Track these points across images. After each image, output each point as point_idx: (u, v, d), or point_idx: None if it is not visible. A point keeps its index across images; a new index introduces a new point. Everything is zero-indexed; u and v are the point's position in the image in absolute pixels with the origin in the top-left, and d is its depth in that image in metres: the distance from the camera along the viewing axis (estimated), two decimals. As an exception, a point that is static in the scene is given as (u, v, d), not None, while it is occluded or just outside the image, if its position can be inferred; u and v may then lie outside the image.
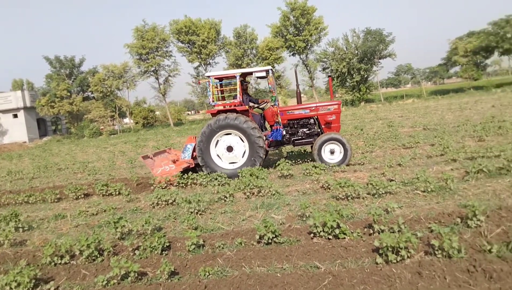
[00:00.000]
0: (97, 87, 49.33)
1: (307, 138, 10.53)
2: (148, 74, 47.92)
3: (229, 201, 7.44)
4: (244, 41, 46.74)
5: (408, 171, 8.46)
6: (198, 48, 44.98)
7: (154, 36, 45.28)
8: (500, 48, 46.62)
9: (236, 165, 9.94)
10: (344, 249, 4.53)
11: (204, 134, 9.87)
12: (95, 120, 51.34)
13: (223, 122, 9.72)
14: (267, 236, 4.95)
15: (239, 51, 46.24)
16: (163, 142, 24.16)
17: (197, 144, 10.00)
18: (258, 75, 10.29)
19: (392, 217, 5.43)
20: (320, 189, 7.76)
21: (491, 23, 47.72)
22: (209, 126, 9.83)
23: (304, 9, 44.45)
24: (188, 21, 44.65)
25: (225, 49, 47.87)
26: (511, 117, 16.11)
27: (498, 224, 4.72)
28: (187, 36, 44.79)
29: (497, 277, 3.50)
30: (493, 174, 7.15)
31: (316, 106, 10.48)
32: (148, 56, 46.11)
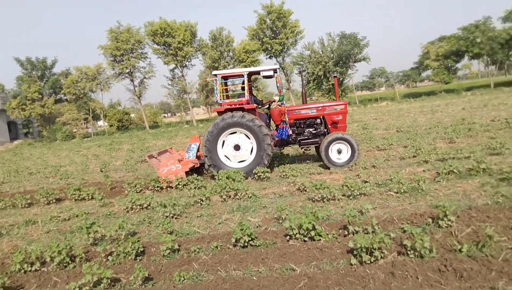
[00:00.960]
0: (70, 89, 48.17)
1: (313, 138, 10.50)
2: (122, 76, 47.14)
3: (205, 204, 7.38)
4: (221, 43, 46.64)
5: (382, 172, 8.62)
6: (174, 50, 44.57)
7: (128, 37, 44.62)
8: (470, 53, 48.09)
9: (244, 164, 9.84)
10: (320, 251, 4.56)
11: (212, 133, 9.73)
12: (68, 123, 50.13)
13: (231, 120, 9.61)
14: (243, 239, 4.93)
15: (216, 53, 46.10)
16: (138, 145, 23.83)
17: (204, 143, 9.84)
18: (266, 74, 10.22)
19: (367, 218, 5.51)
20: (297, 191, 7.80)
21: (461, 28, 49.23)
22: (217, 124, 9.72)
23: (280, 13, 44.72)
24: (163, 23, 44.19)
25: (201, 51, 47.63)
26: (480, 119, 16.65)
27: (468, 224, 4.85)
28: (163, 38, 44.32)
29: (467, 276, 3.59)
30: (463, 175, 7.36)
31: (323, 106, 10.45)
32: (123, 57, 45.38)
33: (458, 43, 48.14)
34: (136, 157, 16.83)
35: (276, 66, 10.36)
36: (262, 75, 10.32)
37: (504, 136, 11.37)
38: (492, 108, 21.59)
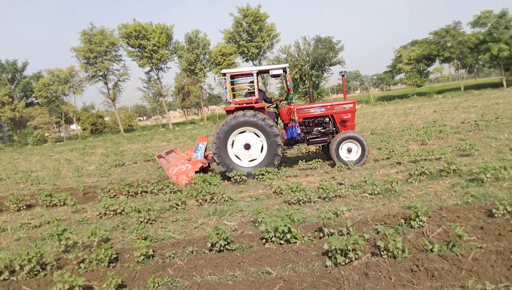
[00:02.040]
0: (42, 92, 46.95)
1: (322, 137, 10.51)
2: (96, 79, 46.34)
3: (181, 208, 7.30)
4: (197, 46, 46.46)
5: (356, 174, 8.74)
6: (149, 52, 44.13)
7: (102, 39, 43.89)
8: (441, 56, 49.49)
9: (254, 163, 9.80)
10: (295, 254, 4.58)
11: (222, 132, 9.63)
12: (39, 127, 48.86)
13: (243, 118, 9.53)
14: (219, 243, 4.90)
15: (192, 56, 45.89)
16: (112, 149, 23.42)
17: (214, 142, 9.72)
18: (275, 73, 10.18)
19: (342, 220, 5.58)
20: (273, 194, 7.82)
21: (432, 33, 50.65)
22: (227, 123, 9.61)
23: (256, 16, 44.94)
24: (137, 25, 43.70)
25: (177, 54, 47.33)
26: (451, 121, 17.15)
27: (439, 224, 4.97)
28: (137, 41, 43.82)
29: (438, 276, 3.67)
30: (434, 176, 7.54)
31: (331, 105, 10.44)
32: (96, 60, 44.60)
33: (429, 47, 49.48)
34: (110, 162, 16.52)
35: (286, 65, 10.31)
36: (271, 74, 10.30)
37: (473, 137, 11.73)
38: (462, 111, 22.26)
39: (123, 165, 15.53)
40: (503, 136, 11.31)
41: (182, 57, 46.72)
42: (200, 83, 50.37)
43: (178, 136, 29.90)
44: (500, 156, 8.48)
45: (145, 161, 15.73)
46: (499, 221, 4.75)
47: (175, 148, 12.20)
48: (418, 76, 55.49)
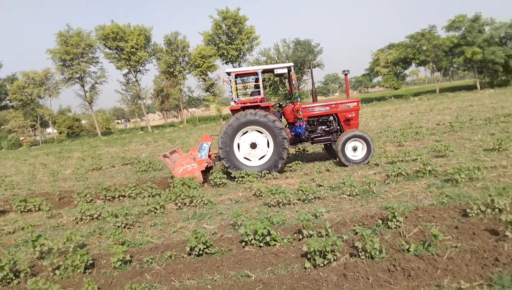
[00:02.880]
0: (16, 95, 45.79)
1: (326, 136, 10.51)
2: (72, 81, 45.49)
3: (159, 213, 7.21)
4: (176, 48, 46.15)
5: (335, 176, 8.82)
6: (127, 54, 43.56)
7: (79, 41, 43.13)
8: (416, 60, 50.65)
9: (260, 163, 9.76)
10: (275, 256, 4.58)
11: (229, 130, 9.55)
12: (14, 130, 47.57)
13: (250, 117, 9.46)
14: (198, 247, 4.85)
15: (171, 58, 45.55)
16: (89, 153, 22.99)
17: (220, 141, 9.61)
18: (279, 72, 10.16)
19: (321, 222, 5.61)
20: (253, 196, 7.81)
21: (408, 37, 51.76)
22: (235, 122, 9.52)
23: (236, 18, 44.97)
24: (115, 27, 43.10)
25: (156, 56, 46.90)
26: (427, 123, 17.51)
27: (415, 224, 5.06)
28: (115, 42, 43.20)
29: (414, 275, 3.73)
30: (411, 177, 7.68)
31: (336, 104, 10.47)
32: (73, 62, 43.77)
33: (405, 51, 50.55)
34: (87, 166, 16.20)
35: (290, 64, 10.32)
36: (275, 72, 10.29)
37: (448, 139, 12.00)
38: (437, 113, 22.78)
39: (101, 169, 15.25)
40: (477, 137, 11.62)
41: (161, 59, 46.35)
42: (180, 85, 50.04)
43: (157, 139, 29.59)
44: (474, 156, 8.70)
45: (123, 165, 15.49)
46: (473, 220, 4.86)
47: (177, 149, 12.08)
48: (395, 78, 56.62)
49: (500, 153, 8.85)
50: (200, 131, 33.48)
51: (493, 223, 4.69)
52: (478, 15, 46.21)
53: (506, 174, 6.97)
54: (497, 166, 7.64)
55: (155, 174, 12.05)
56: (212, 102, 49.59)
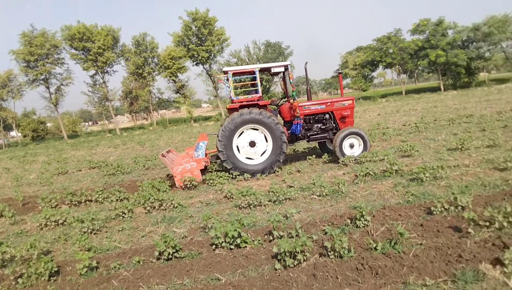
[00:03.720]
0: (-24, 97, 43.78)
1: (322, 133, 10.62)
2: (37, 83, 43.92)
3: (127, 217, 7.05)
4: (145, 49, 45.44)
5: (306, 177, 8.89)
6: (94, 55, 42.51)
7: (43, 42, 41.72)
8: (383, 62, 51.95)
9: (259, 161, 9.73)
10: (245, 258, 4.56)
11: (227, 129, 9.46)
12: (-27, 134, 45.45)
13: (249, 116, 9.42)
14: (167, 251, 4.77)
15: (140, 59, 44.81)
16: (55, 157, 22.26)
17: (219, 140, 9.51)
18: (276, 70, 10.16)
19: (291, 223, 5.64)
20: (224, 199, 7.76)
21: (375, 40, 53.03)
22: (233, 120, 9.44)
23: (205, 20, 44.72)
24: (81, 27, 41.98)
25: (124, 57, 46.00)
26: (393, 124, 17.96)
27: (383, 222, 5.16)
28: (81, 43, 42.07)
29: (382, 273, 3.79)
30: (378, 176, 7.84)
31: (331, 102, 10.58)
32: (37, 63, 42.30)
33: (373, 53, 51.78)
34: (52, 170, 15.67)
35: (287, 62, 10.34)
36: (272, 71, 10.27)
37: (413, 139, 12.35)
38: (403, 114, 23.42)
39: (66, 173, 14.79)
40: (441, 137, 12.01)
41: (130, 60, 45.50)
42: (149, 87, 49.28)
43: (126, 141, 29.01)
44: (438, 156, 8.98)
45: (90, 169, 15.08)
46: (437, 218, 5.01)
47: (171, 149, 11.87)
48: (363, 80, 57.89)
49: (463, 153, 9.17)
50: (170, 134, 33.06)
51: (456, 221, 4.85)
52: (441, 19, 47.89)
53: (468, 173, 7.23)
54: (460, 165, 7.92)
55: (123, 178, 11.79)
56: (182, 104, 49.08)
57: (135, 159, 14.60)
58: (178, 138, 26.28)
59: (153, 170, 12.68)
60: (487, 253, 3.90)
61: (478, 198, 5.62)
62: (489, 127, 12.39)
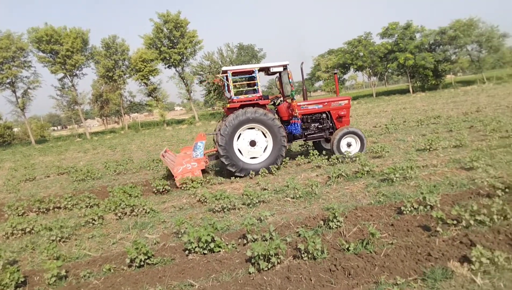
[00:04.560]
0: None
1: (319, 133, 10.77)
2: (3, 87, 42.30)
3: (98, 224, 6.87)
4: (115, 52, 44.61)
5: (280, 179, 8.93)
6: (62, 58, 41.38)
7: (9, 44, 40.23)
8: (354, 65, 52.92)
9: (259, 160, 9.79)
10: (219, 263, 4.52)
11: (228, 128, 9.44)
12: None
13: (254, 115, 9.47)
14: (138, 258, 4.67)
15: (110, 62, 43.96)
16: (22, 163, 21.48)
17: (219, 140, 9.43)
18: (275, 70, 10.29)
19: (265, 225, 5.63)
20: (197, 203, 7.69)
21: (346, 43, 54.00)
22: (235, 118, 9.44)
23: (177, 22, 44.34)
24: (49, 29, 40.79)
25: (94, 59, 45.01)
26: (365, 126, 18.30)
27: (355, 223, 5.23)
28: (49, 45, 40.86)
29: (354, 273, 3.84)
30: (350, 177, 7.96)
31: (328, 102, 10.73)
32: (2, 66, 40.76)
33: (344, 56, 52.67)
34: (19, 176, 15.11)
35: (286, 62, 10.42)
36: (271, 70, 10.37)
37: (384, 140, 12.62)
38: (374, 115, 23.91)
39: (34, 179, 14.29)
40: (410, 138, 12.32)
41: (99, 63, 44.54)
42: (120, 90, 48.39)
43: (97, 146, 28.35)
44: (408, 156, 9.19)
45: (59, 174, 14.63)
46: (407, 217, 5.13)
47: (167, 149, 11.64)
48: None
49: (431, 153, 9.44)
50: (142, 137, 32.55)
51: (426, 220, 4.98)
52: (409, 23, 49.21)
53: (436, 173, 7.44)
54: (428, 165, 8.14)
55: (93, 183, 11.50)
56: (155, 107, 48.41)
57: (105, 164, 14.27)
58: (150, 142, 25.90)
59: (125, 175, 12.42)
60: (455, 251, 4.01)
61: (446, 197, 5.79)
62: (456, 127, 12.80)
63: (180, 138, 25.62)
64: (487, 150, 8.79)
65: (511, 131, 10.31)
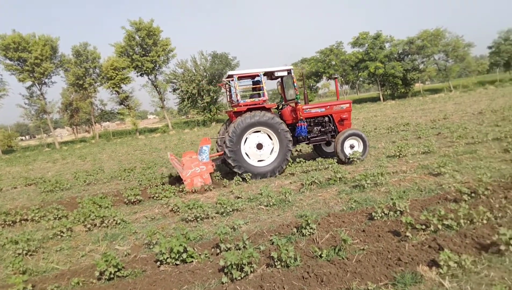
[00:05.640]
0: None
1: (322, 136, 10.94)
2: (-34, 95, 40.73)
3: (66, 236, 6.66)
4: (86, 60, 43.73)
5: (253, 187, 8.92)
6: (31, 66, 40.21)
7: (-28, 51, 38.85)
8: (326, 73, 53.76)
9: (265, 163, 9.94)
10: (192, 273, 4.45)
11: (237, 130, 9.57)
12: None
13: (262, 119, 9.66)
14: (108, 271, 4.54)
15: (80, 70, 43.04)
16: (-14, 174, 20.62)
17: (227, 142, 9.56)
18: (280, 74, 10.51)
19: (239, 234, 5.60)
20: (170, 212, 7.57)
21: (318, 52, 54.86)
22: (244, 121, 9.58)
23: (150, 30, 43.95)
24: (17, 37, 39.58)
25: (63, 67, 43.95)
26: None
27: (327, 230, 5.27)
28: (17, 53, 39.65)
29: (327, 280, 3.86)
30: (323, 184, 8.04)
31: (330, 105, 10.92)
32: (-34, 74, 39.28)
33: (317, 65, 53.43)
34: (-18, 188, 14.49)
35: (290, 67, 10.70)
36: (275, 75, 10.56)
37: (356, 147, 12.81)
38: (346, 123, 24.25)
39: (0, 191, 13.76)
40: (381, 145, 12.59)
41: (69, 71, 43.51)
42: (91, 98, 47.37)
43: (66, 156, 27.59)
44: (378, 163, 9.38)
45: (26, 185, 14.14)
46: (378, 223, 5.21)
47: (170, 154, 11.44)
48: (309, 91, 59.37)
49: (401, 159, 9.66)
50: (114, 146, 31.92)
51: (396, 225, 5.07)
52: (379, 33, 50.55)
53: (406, 178, 7.61)
54: (398, 171, 8.33)
55: (62, 194, 11.16)
56: (127, 116, 47.59)
57: (75, 174, 13.91)
58: (122, 151, 25.43)
59: (95, 185, 12.13)
60: (424, 255, 4.10)
61: (415, 203, 5.93)
62: (424, 134, 13.17)
63: (153, 147, 25.27)
64: (454, 156, 9.07)
65: (476, 138, 10.69)
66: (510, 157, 8.20)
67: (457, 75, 57.90)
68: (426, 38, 48.28)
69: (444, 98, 37.15)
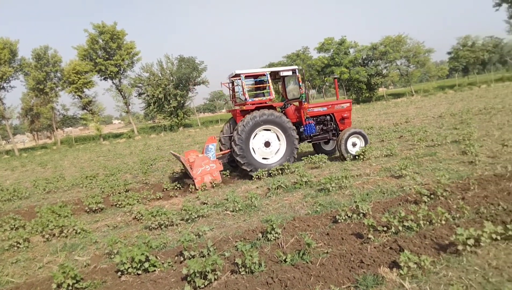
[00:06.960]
0: None
1: (323, 134, 11.25)
2: None
3: (23, 247, 6.35)
4: (46, 63, 42.27)
5: (220, 192, 8.85)
6: (-13, 70, 38.47)
7: None
8: (295, 78, 54.41)
9: (278, 157, 10.20)
10: (154, 283, 4.33)
11: (246, 128, 9.67)
12: None
13: (271, 117, 9.84)
14: (66, 283, 4.35)
15: (41, 74, 41.56)
16: None
17: (236, 139, 9.64)
18: (285, 74, 10.72)
19: (203, 241, 5.52)
20: (133, 220, 7.38)
21: (285, 56, 55.52)
22: (253, 119, 9.72)
23: (113, 33, 43.05)
24: (-28, 39, 37.84)
25: (23, 71, 42.29)
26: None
27: (292, 234, 5.28)
28: (-28, 56, 37.86)
29: (290, 285, 3.85)
30: (289, 188, 8.07)
31: (332, 104, 11.22)
32: None
33: (284, 69, 53.98)
34: None
35: (296, 66, 10.83)
36: (281, 74, 10.77)
37: (322, 151, 12.96)
38: (313, 127, 24.57)
39: (-49, 201, 13.00)
40: (346, 148, 12.78)
41: (29, 75, 41.92)
42: (52, 103, 45.78)
43: (26, 163, 26.46)
44: (343, 166, 9.53)
45: (-19, 195, 13.42)
46: (342, 226, 5.27)
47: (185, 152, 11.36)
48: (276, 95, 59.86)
49: (364, 162, 9.85)
50: (76, 153, 30.94)
51: (359, 227, 5.14)
52: (343, 39, 51.74)
53: (369, 181, 7.76)
54: (362, 174, 8.48)
55: (20, 203, 10.68)
56: (90, 121, 46.30)
57: (34, 182, 13.35)
58: (85, 157, 24.68)
59: (55, 193, 11.68)
60: (385, 257, 4.17)
61: (377, 205, 6.04)
62: (387, 137, 13.51)
63: (118, 153, 24.68)
64: (415, 159, 9.34)
65: (436, 140, 11.06)
66: (467, 159, 8.52)
67: (418, 80, 60.07)
68: (389, 44, 49.84)
69: (406, 102, 38.36)
